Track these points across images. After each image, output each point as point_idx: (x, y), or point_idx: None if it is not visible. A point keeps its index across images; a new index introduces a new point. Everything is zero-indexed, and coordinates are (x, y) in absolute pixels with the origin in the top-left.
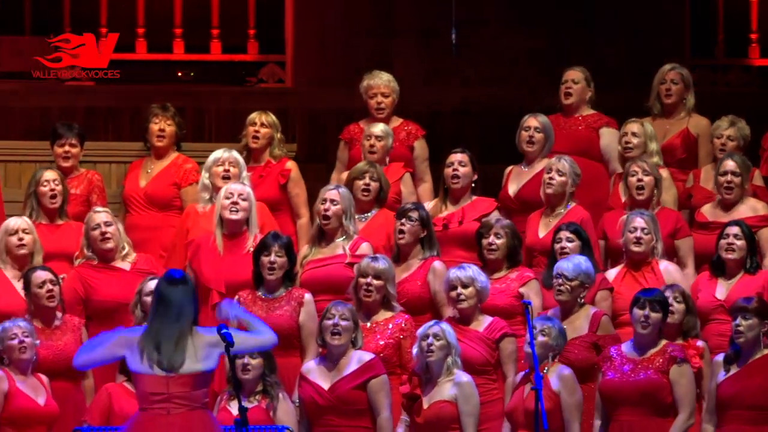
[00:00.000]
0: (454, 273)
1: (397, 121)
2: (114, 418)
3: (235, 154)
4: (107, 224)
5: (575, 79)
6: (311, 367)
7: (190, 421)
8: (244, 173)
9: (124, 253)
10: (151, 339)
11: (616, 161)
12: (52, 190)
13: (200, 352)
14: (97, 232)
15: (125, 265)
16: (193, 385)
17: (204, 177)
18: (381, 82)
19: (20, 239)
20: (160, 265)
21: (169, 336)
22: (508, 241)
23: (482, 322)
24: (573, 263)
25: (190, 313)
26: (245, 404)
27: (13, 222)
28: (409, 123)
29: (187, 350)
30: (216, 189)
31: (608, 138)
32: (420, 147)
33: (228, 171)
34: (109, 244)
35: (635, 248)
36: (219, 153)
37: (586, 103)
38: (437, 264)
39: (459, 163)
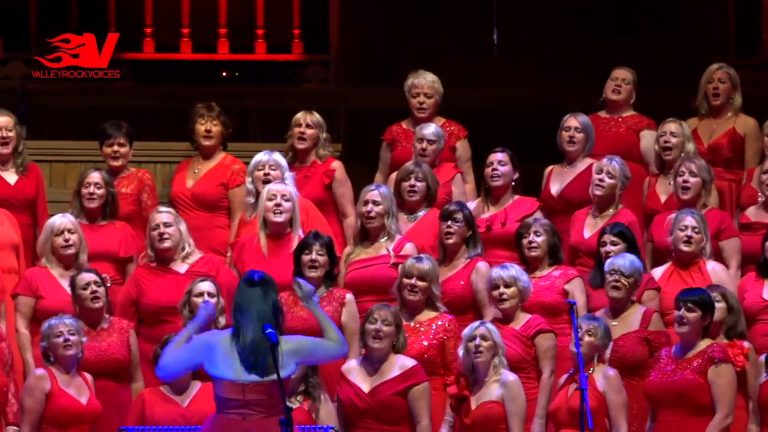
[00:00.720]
0: (497, 272)
1: (439, 121)
2: (147, 423)
3: (275, 157)
4: (167, 225)
5: (626, 79)
6: (352, 367)
7: (266, 428)
8: (287, 174)
9: (184, 253)
10: (244, 342)
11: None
12: (91, 193)
13: (280, 358)
14: (155, 233)
15: (183, 267)
16: (269, 393)
17: (248, 182)
18: (425, 83)
19: (66, 240)
20: (223, 265)
21: (260, 339)
22: (549, 239)
23: (521, 321)
24: (628, 260)
25: (272, 317)
26: (291, 405)
27: (59, 221)
28: (452, 123)
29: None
30: (259, 194)
31: (649, 140)
32: (462, 147)
33: (268, 174)
34: (166, 244)
35: (685, 247)
36: (259, 156)
37: (630, 105)
38: (481, 264)
39: (499, 162)
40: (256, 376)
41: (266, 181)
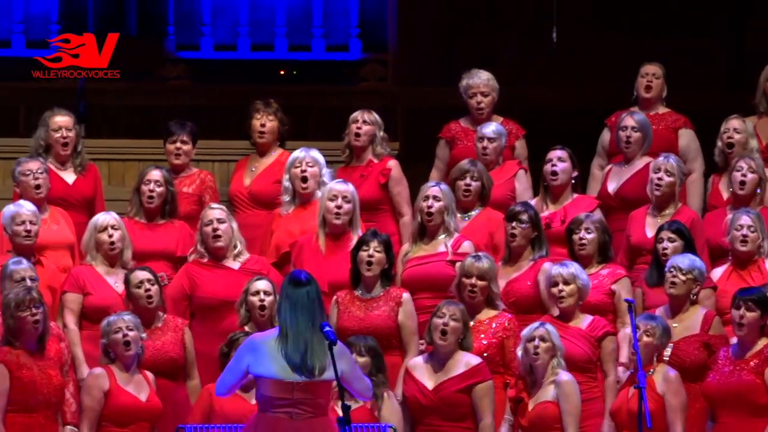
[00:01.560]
0: (556, 270)
1: (497, 120)
2: (215, 417)
3: (313, 154)
4: (220, 221)
5: (656, 73)
6: (417, 364)
7: (314, 427)
8: (324, 170)
9: (236, 251)
10: (291, 342)
11: (695, 161)
12: (150, 190)
13: (326, 359)
14: (209, 229)
15: (235, 264)
16: (317, 393)
17: (285, 179)
18: (480, 82)
19: (110, 236)
20: (271, 267)
21: (308, 340)
22: (599, 236)
23: (582, 320)
24: (688, 258)
25: (319, 317)
26: (351, 404)
27: (102, 219)
28: (509, 122)
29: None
30: (296, 191)
31: (687, 139)
32: (520, 146)
33: (305, 171)
34: (220, 243)
35: (741, 247)
36: (296, 153)
37: (662, 101)
38: (547, 265)
39: (558, 158)
40: (305, 375)
41: (304, 179)
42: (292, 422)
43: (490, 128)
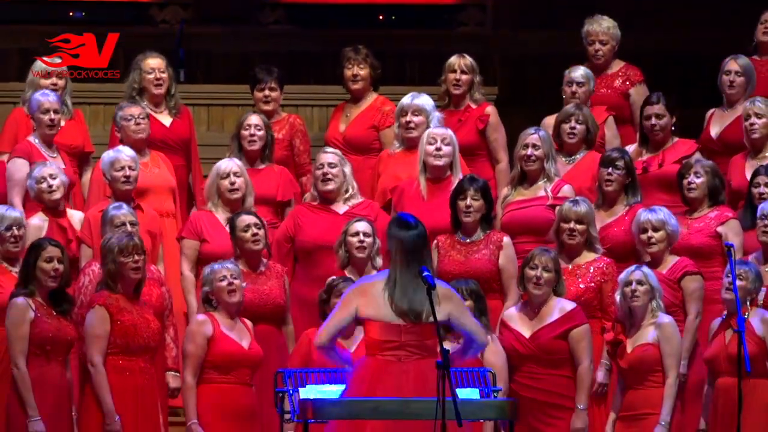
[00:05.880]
0: (645, 216)
1: (617, 65)
2: (312, 364)
3: (418, 101)
4: (331, 165)
5: None
6: (512, 314)
7: (423, 369)
8: (432, 115)
9: (347, 195)
10: (398, 286)
11: None
12: (251, 135)
13: (436, 301)
14: (319, 172)
15: (342, 208)
16: (425, 335)
17: (395, 126)
18: (600, 29)
19: (232, 183)
20: (381, 211)
21: (415, 284)
22: (709, 180)
23: (668, 264)
24: None
25: (427, 260)
26: (452, 346)
27: (225, 165)
28: (630, 67)
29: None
30: (403, 137)
31: None
32: (637, 93)
33: (411, 121)
34: (329, 186)
35: None
36: (403, 100)
37: None
38: (642, 211)
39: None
40: (411, 319)
41: (410, 128)
42: (400, 364)
43: (579, 72)
